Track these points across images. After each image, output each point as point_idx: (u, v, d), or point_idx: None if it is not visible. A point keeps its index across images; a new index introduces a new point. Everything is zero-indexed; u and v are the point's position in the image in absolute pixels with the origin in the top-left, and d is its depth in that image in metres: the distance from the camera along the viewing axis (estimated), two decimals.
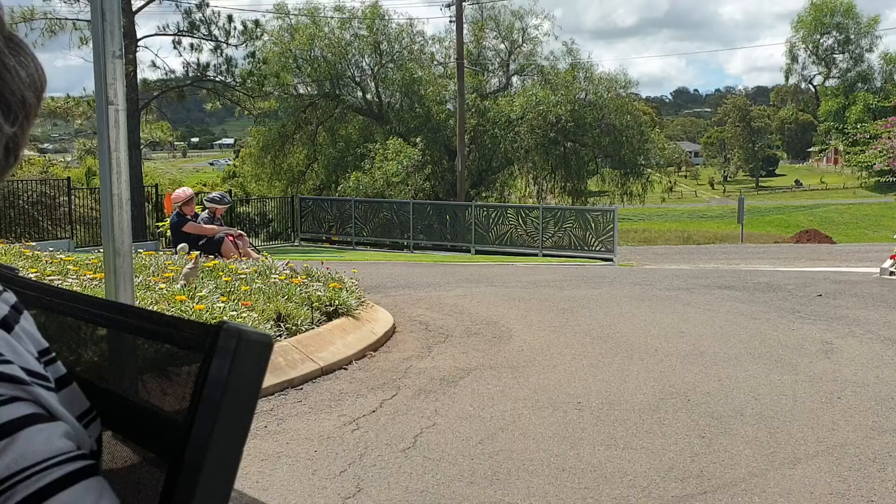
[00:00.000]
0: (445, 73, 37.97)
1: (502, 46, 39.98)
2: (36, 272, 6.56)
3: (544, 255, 21.81)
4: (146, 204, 24.01)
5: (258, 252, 11.54)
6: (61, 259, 7.58)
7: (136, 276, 5.77)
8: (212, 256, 9.90)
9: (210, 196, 10.95)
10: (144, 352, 0.93)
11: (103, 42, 3.53)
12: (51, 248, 9.64)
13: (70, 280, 6.29)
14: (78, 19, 24.39)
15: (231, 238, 10.52)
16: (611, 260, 20.58)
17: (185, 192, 10.57)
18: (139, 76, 25.15)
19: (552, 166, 38.52)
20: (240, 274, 6.93)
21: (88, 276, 6.52)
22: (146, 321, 0.91)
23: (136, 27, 24.63)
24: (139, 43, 24.88)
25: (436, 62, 39.21)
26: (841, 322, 7.31)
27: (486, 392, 4.94)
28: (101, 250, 4.22)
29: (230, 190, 11.05)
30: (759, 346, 6.26)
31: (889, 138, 13.77)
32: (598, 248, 21.84)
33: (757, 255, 22.29)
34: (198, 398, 0.78)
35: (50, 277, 6.37)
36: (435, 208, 26.15)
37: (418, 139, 33.39)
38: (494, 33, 39.62)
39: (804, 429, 4.21)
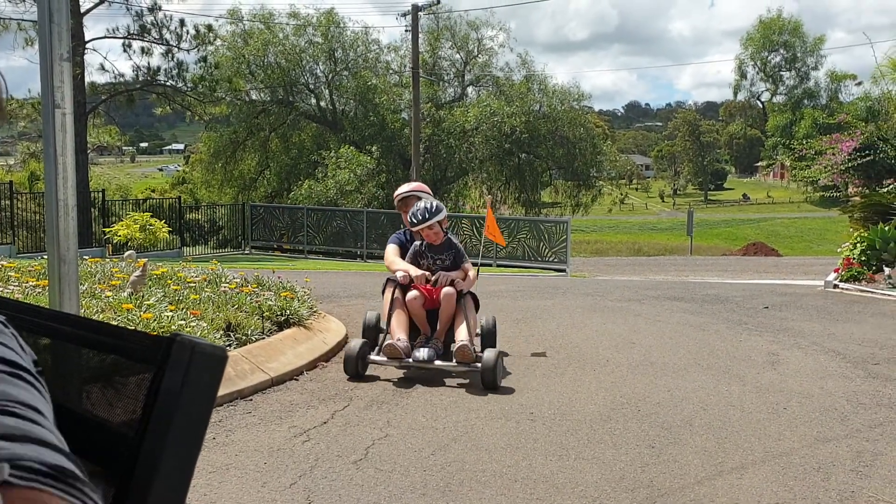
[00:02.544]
0: (401, 81, 38.01)
1: (458, 57, 40.21)
2: None
3: (498, 266, 21.89)
4: (92, 209, 23.52)
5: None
6: (2, 265, 7.37)
7: (81, 284, 5.64)
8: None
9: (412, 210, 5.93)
10: (91, 363, 0.90)
11: (50, 44, 3.46)
12: None
13: (11, 287, 6.12)
14: (23, 20, 23.88)
15: (424, 289, 5.76)
16: (564, 271, 20.76)
17: (403, 188, 6.51)
18: (87, 79, 24.67)
19: (506, 177, 38.79)
20: (189, 282, 6.81)
21: (31, 283, 6.35)
22: (94, 332, 0.89)
23: (85, 29, 24.18)
24: (87, 45, 24.42)
25: (391, 71, 39.24)
26: (787, 334, 7.47)
27: (438, 402, 4.93)
28: (45, 256, 4.11)
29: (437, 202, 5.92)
30: (708, 357, 6.36)
31: (833, 154, 14.17)
32: (551, 259, 22.02)
33: (705, 267, 22.70)
34: (149, 412, 0.75)
35: None
36: (389, 217, 26.05)
37: (373, 148, 33.33)
38: (450, 43, 39.84)
39: (751, 439, 4.28)
